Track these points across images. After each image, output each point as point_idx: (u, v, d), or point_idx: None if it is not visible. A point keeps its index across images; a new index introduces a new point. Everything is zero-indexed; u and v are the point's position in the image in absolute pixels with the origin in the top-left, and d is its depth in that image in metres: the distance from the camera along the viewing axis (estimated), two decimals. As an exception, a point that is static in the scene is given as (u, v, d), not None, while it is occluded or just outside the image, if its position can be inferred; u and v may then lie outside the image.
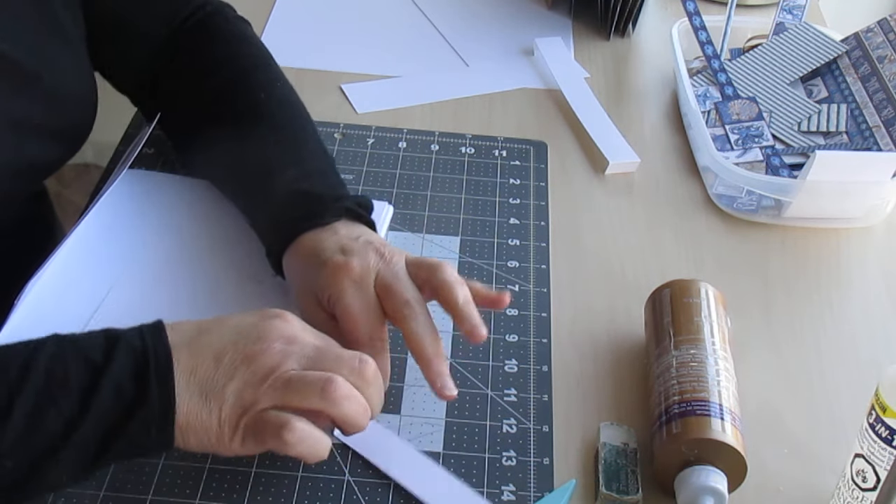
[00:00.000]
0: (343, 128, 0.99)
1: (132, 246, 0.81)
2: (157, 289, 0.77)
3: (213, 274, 0.79)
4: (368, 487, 0.67)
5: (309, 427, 0.61)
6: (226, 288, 0.78)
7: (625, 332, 0.79)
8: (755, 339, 0.80)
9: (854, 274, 0.88)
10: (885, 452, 0.60)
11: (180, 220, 0.84)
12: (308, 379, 0.61)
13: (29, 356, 0.59)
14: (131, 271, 0.79)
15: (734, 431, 0.66)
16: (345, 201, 0.75)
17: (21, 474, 0.58)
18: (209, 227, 0.83)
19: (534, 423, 0.72)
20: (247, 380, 0.61)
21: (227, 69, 0.85)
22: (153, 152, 0.92)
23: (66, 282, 0.76)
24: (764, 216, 0.91)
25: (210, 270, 0.80)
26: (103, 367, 0.59)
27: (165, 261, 0.80)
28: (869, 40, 1.02)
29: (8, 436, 0.57)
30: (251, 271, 0.79)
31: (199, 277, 0.79)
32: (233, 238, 0.82)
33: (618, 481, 0.67)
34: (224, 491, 0.66)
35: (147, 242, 0.82)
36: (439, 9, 1.20)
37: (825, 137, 1.00)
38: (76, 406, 0.58)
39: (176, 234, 0.82)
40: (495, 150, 0.97)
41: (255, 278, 0.78)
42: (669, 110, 1.06)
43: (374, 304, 0.68)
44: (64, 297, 0.70)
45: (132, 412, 0.59)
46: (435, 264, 0.70)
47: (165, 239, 0.82)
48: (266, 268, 0.77)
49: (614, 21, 1.15)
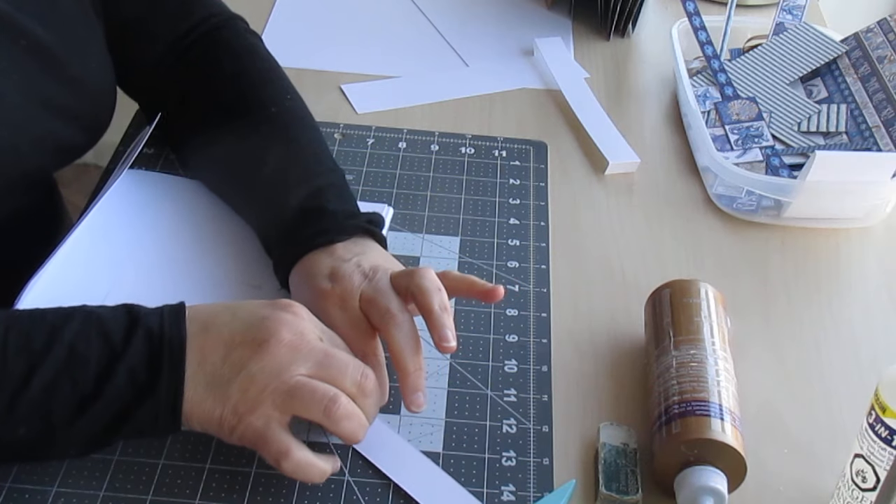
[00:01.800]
0: (343, 128, 0.99)
1: (131, 246, 0.81)
2: (156, 290, 0.77)
3: (212, 277, 0.79)
4: (368, 487, 0.67)
5: (305, 458, 0.62)
6: (224, 291, 0.78)
7: (625, 332, 0.80)
8: (755, 339, 0.80)
9: (854, 274, 0.88)
10: (885, 452, 0.60)
11: (179, 221, 0.84)
12: (313, 395, 0.62)
13: (56, 328, 0.62)
14: (130, 272, 0.79)
15: (734, 431, 0.66)
16: (358, 219, 0.76)
17: (31, 441, 0.61)
18: (209, 229, 0.83)
19: (534, 423, 0.72)
20: (253, 377, 0.62)
21: (239, 82, 0.86)
22: (153, 152, 0.92)
23: (64, 281, 0.76)
24: (764, 216, 0.91)
25: (209, 273, 0.80)
26: (121, 353, 0.61)
27: (164, 262, 0.80)
28: (869, 40, 1.02)
29: (24, 404, 0.60)
30: (249, 276, 0.79)
31: (198, 279, 0.79)
32: (232, 241, 0.82)
33: (618, 481, 0.67)
34: (224, 491, 0.66)
35: (146, 243, 0.82)
36: (439, 9, 1.20)
37: (825, 137, 1.00)
38: (91, 386, 0.61)
39: (175, 235, 0.82)
40: (495, 151, 0.97)
41: (253, 283, 0.79)
42: (669, 110, 1.06)
43: (360, 321, 0.70)
44: (62, 298, 0.70)
45: (142, 399, 0.61)
46: (414, 270, 0.70)
47: (164, 240, 0.82)
48: (264, 272, 0.78)
49: (614, 21, 1.15)
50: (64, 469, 0.67)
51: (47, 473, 0.66)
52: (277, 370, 0.62)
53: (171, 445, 0.69)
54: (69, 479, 0.66)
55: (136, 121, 0.97)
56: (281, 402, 0.62)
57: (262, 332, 0.63)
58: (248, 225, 0.82)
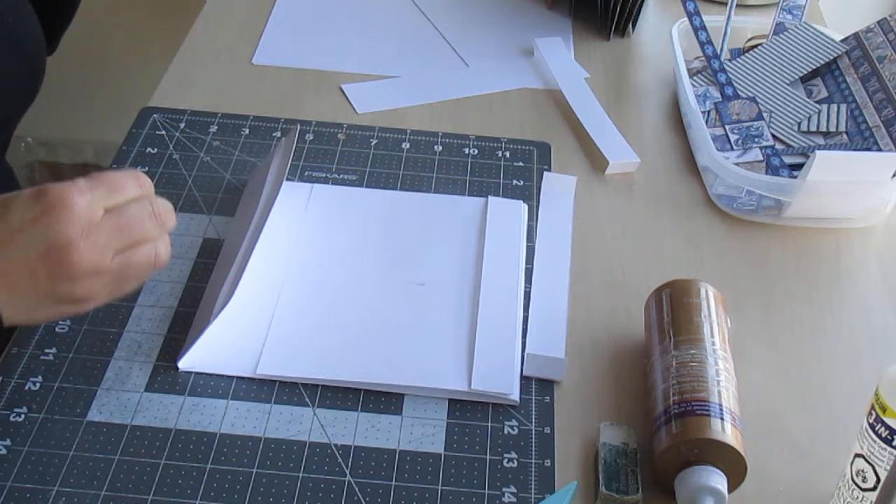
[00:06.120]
0: (346, 128, 0.99)
1: (297, 248, 0.84)
2: (327, 286, 0.81)
3: (381, 276, 0.82)
4: (369, 488, 0.67)
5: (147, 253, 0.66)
6: (391, 289, 0.81)
7: (625, 332, 0.80)
8: (755, 339, 0.80)
9: (854, 274, 0.88)
10: (885, 452, 0.60)
11: (337, 225, 0.87)
12: (138, 268, 0.66)
13: None
14: (299, 271, 0.82)
15: (734, 431, 0.66)
16: None
17: None
18: (369, 233, 0.86)
19: (535, 424, 0.72)
20: (73, 286, 0.63)
21: None
22: (156, 152, 0.92)
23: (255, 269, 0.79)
24: (764, 216, 0.91)
25: (378, 272, 0.82)
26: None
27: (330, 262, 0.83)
28: (869, 40, 1.02)
29: None
30: (411, 274, 0.82)
31: (367, 277, 0.82)
32: (391, 244, 0.85)
33: (618, 481, 0.67)
34: (224, 491, 0.66)
35: (311, 245, 0.85)
36: (439, 8, 1.20)
37: (825, 137, 1.00)
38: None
39: (337, 239, 0.86)
40: (498, 151, 0.97)
41: (416, 281, 0.82)
42: (669, 110, 1.06)
43: None
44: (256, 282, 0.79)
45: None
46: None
47: (327, 243, 0.85)
48: (425, 270, 0.82)
49: (614, 21, 1.15)
50: (65, 469, 0.67)
51: (48, 473, 0.67)
52: (96, 266, 0.63)
53: (171, 445, 0.69)
54: (70, 479, 0.66)
55: (138, 120, 0.97)
56: (115, 289, 0.66)
57: (56, 241, 0.62)
58: (400, 229, 0.86)
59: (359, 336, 0.77)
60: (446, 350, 0.76)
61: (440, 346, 0.76)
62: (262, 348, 0.76)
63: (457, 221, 0.88)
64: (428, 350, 0.76)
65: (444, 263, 0.84)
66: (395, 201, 0.90)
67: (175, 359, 0.75)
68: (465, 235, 0.86)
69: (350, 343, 0.76)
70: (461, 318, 0.79)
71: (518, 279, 0.82)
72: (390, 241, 0.86)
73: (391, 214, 0.88)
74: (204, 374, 0.74)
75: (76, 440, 0.69)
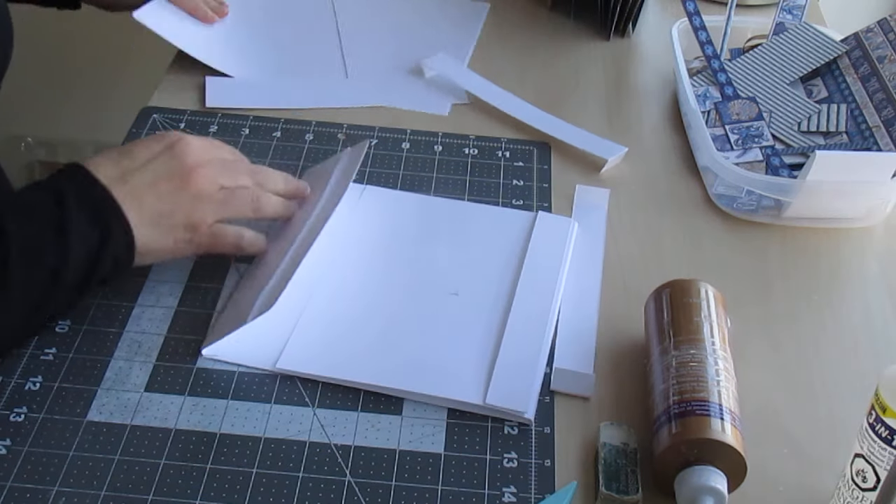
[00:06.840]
0: (346, 128, 0.99)
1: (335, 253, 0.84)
2: (365, 293, 0.81)
3: (417, 284, 0.82)
4: (369, 488, 0.67)
5: (253, 234, 0.80)
6: (426, 298, 0.81)
7: (625, 332, 0.80)
8: (755, 339, 0.80)
9: (854, 274, 0.88)
10: (885, 452, 0.60)
11: (376, 232, 0.86)
12: (241, 199, 0.78)
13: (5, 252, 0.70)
14: (336, 277, 0.82)
15: (734, 431, 0.66)
16: None
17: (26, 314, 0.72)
18: (404, 243, 0.85)
19: (535, 424, 0.72)
20: (193, 203, 0.76)
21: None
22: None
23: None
24: (764, 216, 0.91)
25: (416, 280, 0.82)
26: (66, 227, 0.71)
27: (369, 269, 0.83)
28: (869, 40, 1.02)
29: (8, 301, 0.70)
30: (446, 285, 0.82)
31: (402, 286, 0.81)
32: (426, 256, 0.84)
33: (618, 481, 0.67)
34: (224, 491, 0.66)
35: (349, 252, 0.84)
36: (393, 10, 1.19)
37: (825, 137, 1.00)
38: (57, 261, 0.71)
39: (376, 246, 0.85)
40: (498, 152, 0.97)
41: (450, 291, 0.81)
42: (669, 110, 1.06)
43: None
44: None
45: (102, 256, 0.72)
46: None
47: (365, 250, 0.85)
48: (460, 280, 0.82)
49: (614, 21, 1.15)
50: (65, 469, 0.67)
51: (48, 473, 0.67)
52: (208, 191, 0.76)
53: (171, 445, 0.69)
54: (70, 479, 0.66)
55: (138, 120, 0.97)
56: (218, 211, 0.77)
57: (178, 167, 0.76)
58: (443, 236, 0.87)
59: (382, 340, 0.77)
60: (468, 363, 0.75)
61: (462, 358, 0.75)
62: (286, 344, 0.76)
63: (501, 233, 0.87)
64: (448, 360, 0.75)
65: (481, 275, 0.83)
66: (443, 208, 0.89)
67: (175, 359, 0.75)
68: (508, 249, 0.85)
69: (372, 346, 0.76)
70: (489, 332, 0.77)
71: (553, 298, 0.81)
72: (431, 247, 0.85)
73: (437, 220, 0.88)
74: (204, 374, 0.74)
75: (76, 440, 0.69)
